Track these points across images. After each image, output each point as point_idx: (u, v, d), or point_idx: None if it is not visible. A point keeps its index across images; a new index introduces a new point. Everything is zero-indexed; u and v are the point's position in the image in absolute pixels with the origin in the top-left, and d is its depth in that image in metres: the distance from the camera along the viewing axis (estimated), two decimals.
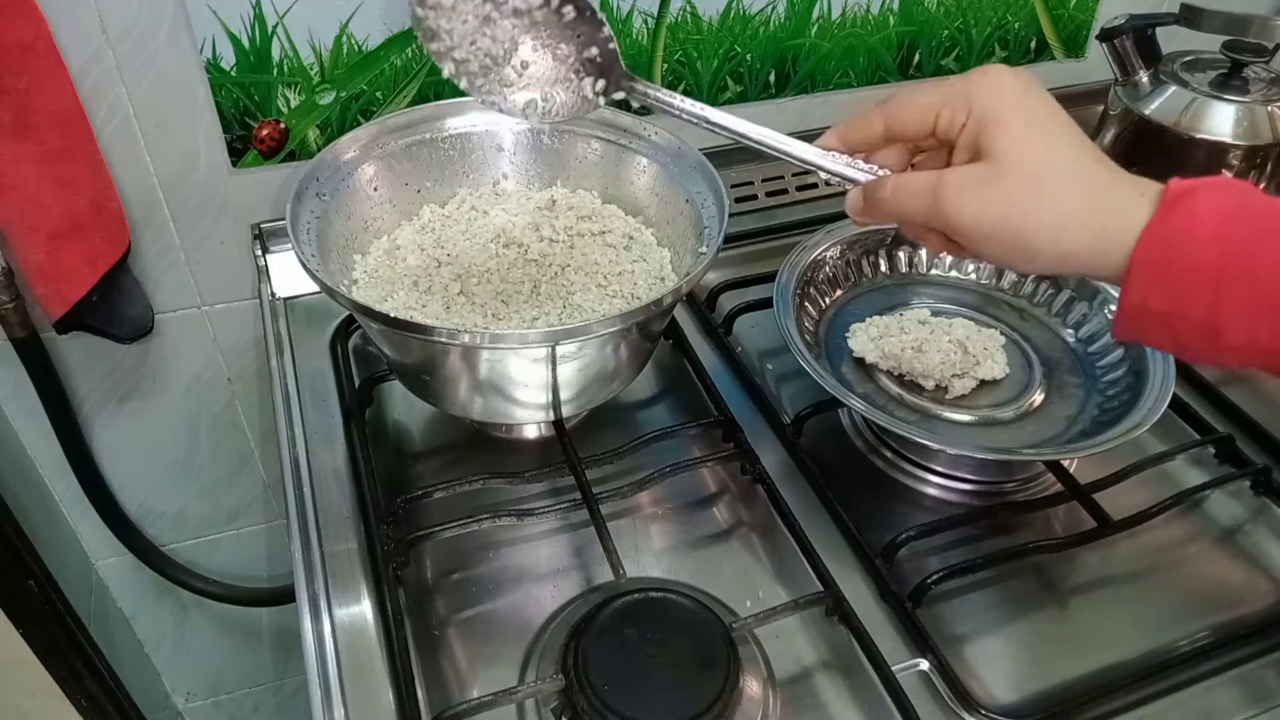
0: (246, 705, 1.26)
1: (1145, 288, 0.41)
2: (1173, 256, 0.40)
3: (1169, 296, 0.40)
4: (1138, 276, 0.40)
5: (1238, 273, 0.39)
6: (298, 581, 0.58)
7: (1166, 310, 0.41)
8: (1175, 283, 0.40)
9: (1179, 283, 0.40)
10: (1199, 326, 0.40)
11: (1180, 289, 0.40)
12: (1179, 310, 0.40)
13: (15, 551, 0.80)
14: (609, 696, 0.49)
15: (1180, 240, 0.40)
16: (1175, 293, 0.40)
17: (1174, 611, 0.60)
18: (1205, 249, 0.39)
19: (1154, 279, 0.40)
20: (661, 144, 0.69)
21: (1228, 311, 0.39)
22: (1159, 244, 0.40)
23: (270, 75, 0.74)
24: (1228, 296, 0.39)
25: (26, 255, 0.70)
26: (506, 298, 0.65)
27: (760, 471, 0.65)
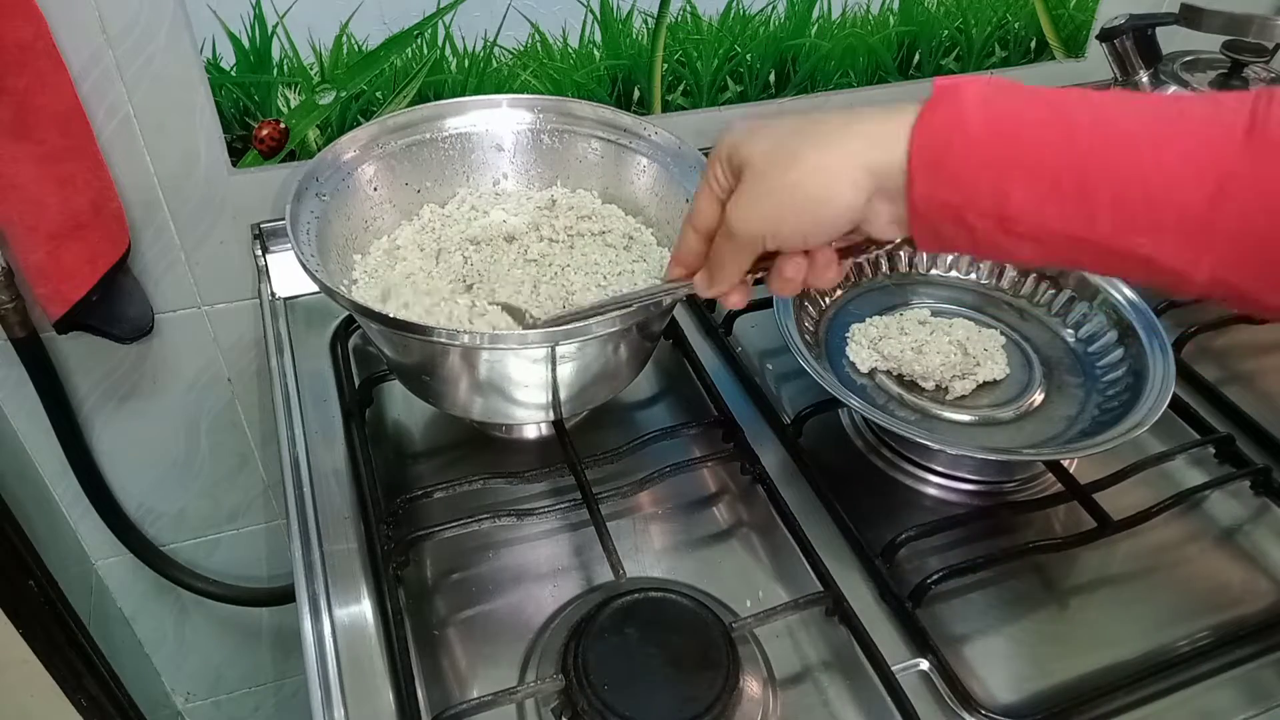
0: (246, 705, 1.26)
1: (929, 180, 0.41)
2: (950, 143, 0.40)
3: (953, 185, 0.40)
4: (919, 169, 0.41)
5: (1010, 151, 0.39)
6: (298, 581, 0.58)
7: (955, 201, 0.41)
8: (956, 169, 0.40)
9: (959, 168, 0.40)
10: (990, 214, 0.40)
11: (962, 174, 0.40)
12: (967, 199, 0.40)
13: (15, 551, 0.80)
14: (609, 696, 0.49)
15: (953, 126, 0.40)
16: (959, 179, 0.40)
17: (1174, 611, 0.60)
18: (978, 128, 0.40)
19: (935, 168, 0.41)
20: (662, 144, 0.69)
21: (1010, 192, 0.39)
22: (933, 134, 0.40)
23: (270, 75, 0.74)
24: (1008, 177, 0.39)
25: (26, 255, 0.70)
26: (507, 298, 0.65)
27: (760, 471, 0.65)
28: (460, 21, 0.77)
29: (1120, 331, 0.72)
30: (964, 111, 0.40)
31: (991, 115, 0.40)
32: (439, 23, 0.76)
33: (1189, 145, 0.38)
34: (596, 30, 0.81)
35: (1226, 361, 0.80)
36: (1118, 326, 0.72)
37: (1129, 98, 0.40)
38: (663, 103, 0.88)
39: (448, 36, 0.77)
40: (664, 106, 0.88)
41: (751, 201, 0.45)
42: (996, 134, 0.40)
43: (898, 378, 0.71)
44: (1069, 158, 0.39)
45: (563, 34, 0.80)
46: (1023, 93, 0.40)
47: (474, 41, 0.78)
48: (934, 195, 0.41)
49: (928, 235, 0.43)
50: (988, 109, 0.40)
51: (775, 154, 0.44)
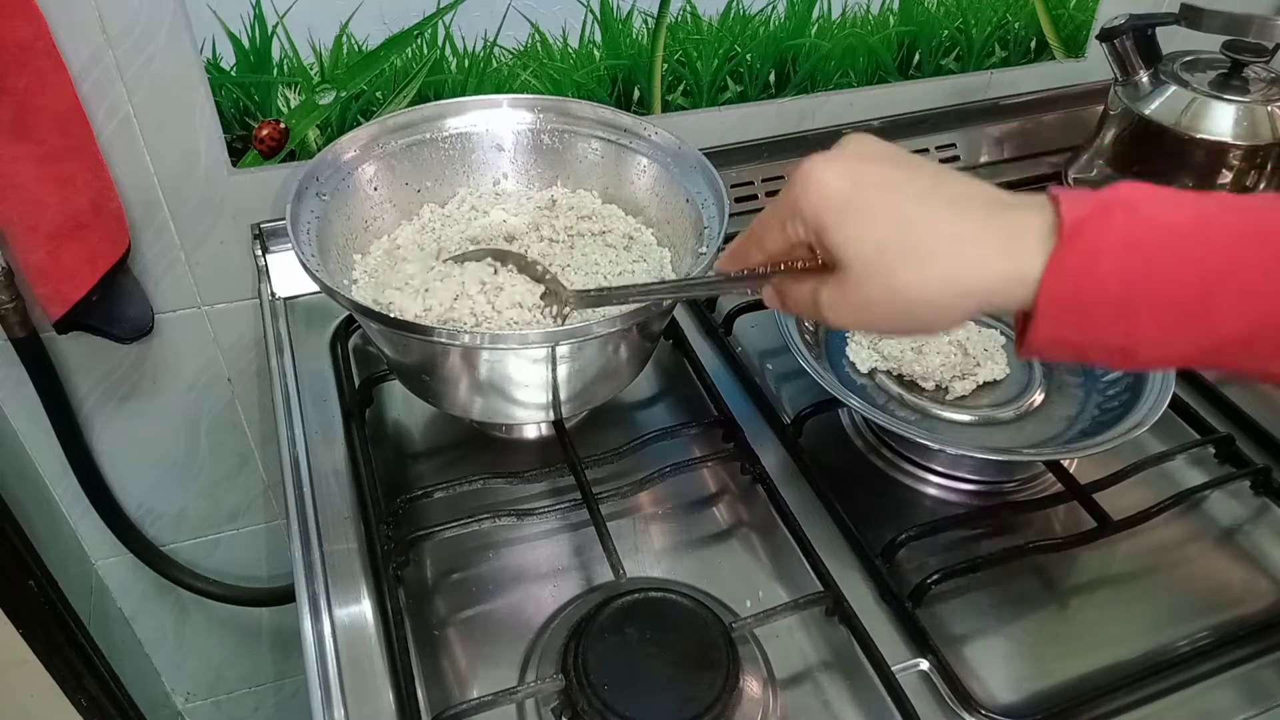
0: (246, 705, 1.26)
1: (1054, 326, 0.39)
2: (1078, 297, 0.38)
3: (1080, 330, 0.39)
4: (1045, 318, 0.39)
5: (1141, 297, 0.38)
6: (298, 581, 0.58)
7: (1077, 341, 0.40)
8: (1083, 318, 0.39)
9: (1087, 318, 0.39)
10: (1113, 350, 0.40)
11: (1089, 322, 0.39)
12: (1091, 340, 0.40)
13: (15, 551, 0.80)
14: (609, 696, 0.49)
15: (1083, 280, 0.38)
16: (1085, 326, 0.39)
17: (1174, 611, 0.60)
18: (1109, 284, 0.38)
19: (1061, 317, 0.39)
20: (662, 144, 0.69)
21: (1138, 334, 0.39)
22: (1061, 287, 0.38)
23: (270, 75, 0.74)
24: (1136, 321, 0.38)
25: (26, 255, 0.70)
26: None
27: (760, 471, 0.65)
28: (460, 21, 0.77)
29: None
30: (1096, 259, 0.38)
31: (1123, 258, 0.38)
32: (439, 23, 0.76)
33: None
34: (596, 30, 0.81)
35: None
36: None
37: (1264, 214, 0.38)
38: (663, 103, 0.88)
39: (448, 36, 0.77)
40: (664, 106, 0.88)
41: (850, 307, 0.43)
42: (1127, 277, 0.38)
43: (898, 378, 0.71)
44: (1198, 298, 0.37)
45: (563, 34, 0.80)
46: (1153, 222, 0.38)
47: (474, 41, 0.78)
48: (1057, 337, 0.40)
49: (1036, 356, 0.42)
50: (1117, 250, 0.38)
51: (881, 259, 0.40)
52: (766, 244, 0.46)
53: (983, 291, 0.39)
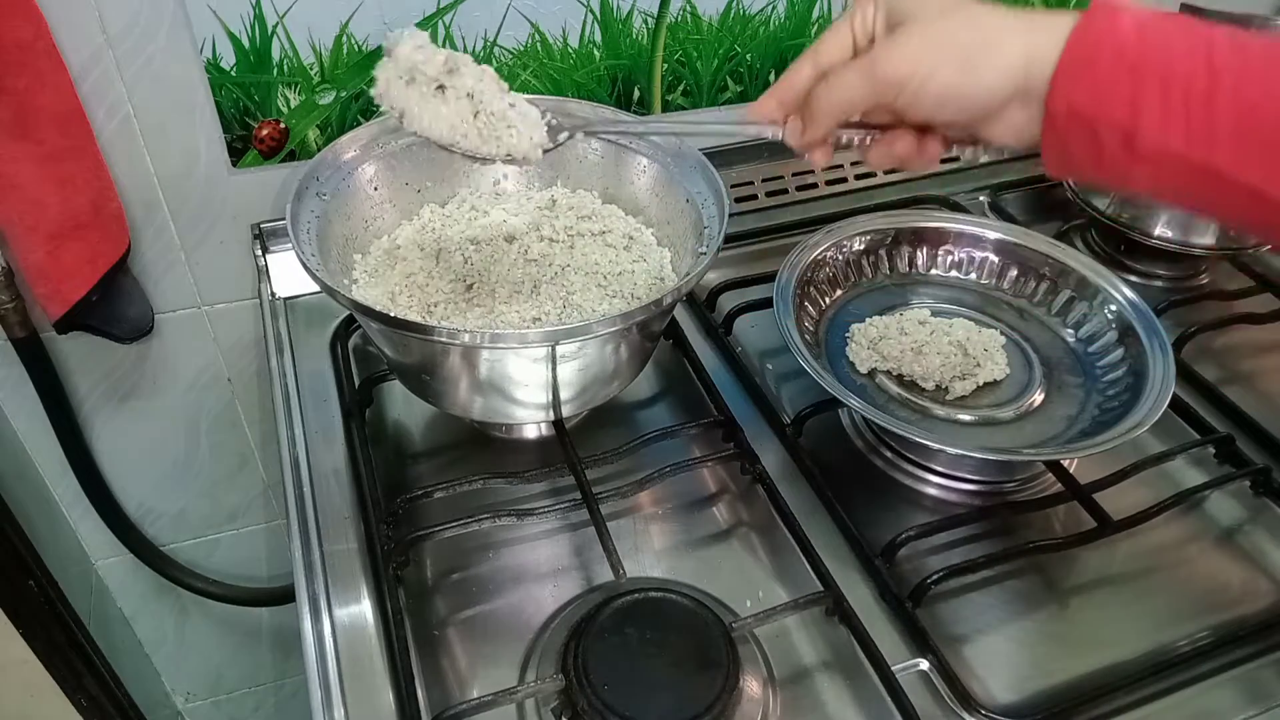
0: (246, 705, 1.26)
1: (1072, 84, 0.42)
2: (1099, 49, 0.42)
3: (1092, 93, 0.42)
4: (1065, 72, 0.42)
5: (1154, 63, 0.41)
6: (298, 581, 0.58)
7: (1090, 112, 0.42)
8: (1099, 77, 0.42)
9: (1102, 77, 0.42)
10: (1119, 128, 0.42)
11: (1102, 84, 0.42)
12: (1102, 110, 0.42)
13: (15, 551, 0.80)
14: (609, 696, 0.49)
15: (1105, 34, 0.42)
16: (1098, 87, 0.42)
17: (1174, 611, 0.60)
18: (1127, 43, 0.41)
19: (1080, 74, 0.42)
20: (662, 144, 0.69)
21: (1143, 105, 0.41)
22: (1084, 43, 0.42)
23: (270, 75, 0.74)
24: (1143, 88, 0.41)
25: (26, 255, 0.70)
26: (507, 298, 0.65)
27: (760, 471, 0.65)
28: (460, 21, 0.77)
29: (1120, 331, 0.72)
30: (1117, 24, 0.42)
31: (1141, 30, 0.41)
32: (439, 23, 0.76)
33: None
34: (596, 30, 0.81)
35: (1226, 361, 0.80)
36: (1118, 326, 0.72)
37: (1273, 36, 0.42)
38: (663, 103, 0.88)
39: (448, 36, 0.77)
40: (664, 106, 0.88)
41: (910, 42, 0.45)
42: (1143, 44, 0.41)
43: (897, 378, 0.71)
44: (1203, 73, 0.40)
45: (563, 34, 0.80)
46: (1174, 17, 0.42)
47: (474, 41, 0.78)
48: (1073, 102, 0.42)
49: (1056, 150, 0.44)
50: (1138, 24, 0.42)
51: (943, 11, 0.45)
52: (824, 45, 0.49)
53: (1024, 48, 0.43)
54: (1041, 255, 0.78)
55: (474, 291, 0.65)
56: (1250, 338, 0.82)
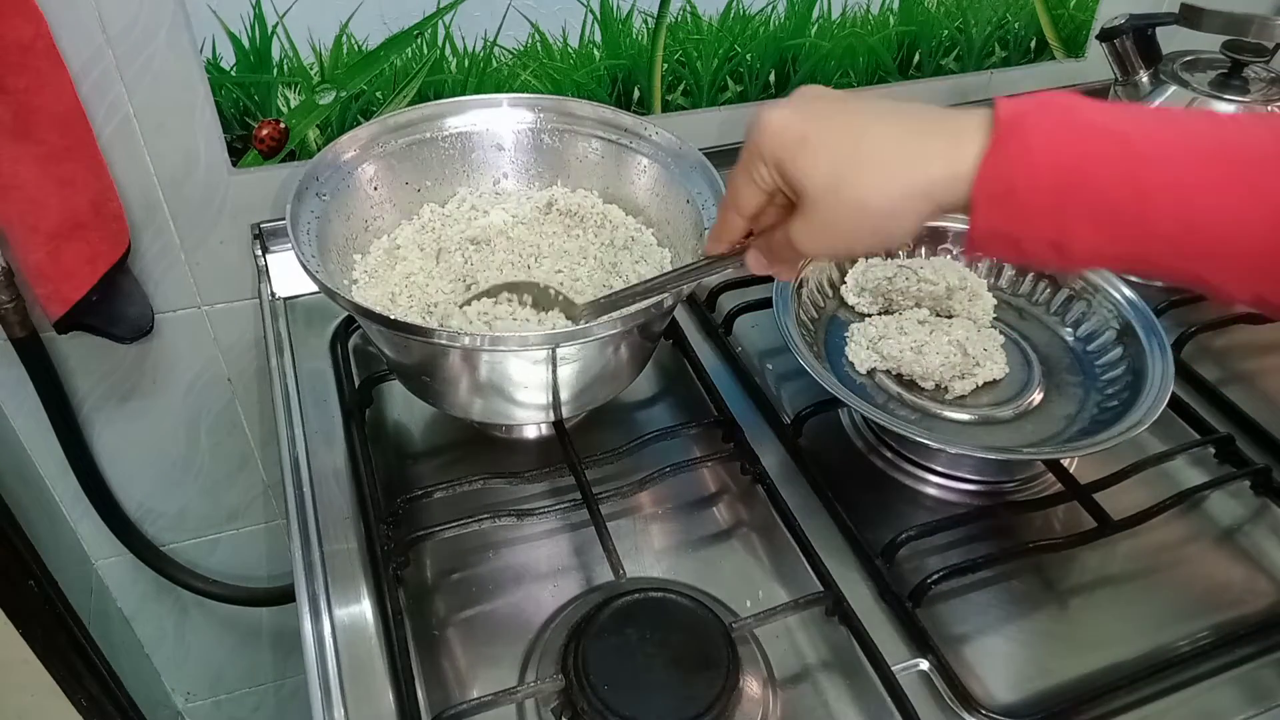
0: (246, 705, 1.26)
1: (990, 214, 0.42)
2: (1014, 185, 0.41)
3: (1014, 220, 0.42)
4: (982, 207, 0.42)
5: (1076, 192, 0.40)
6: (298, 581, 0.58)
7: (1015, 234, 0.42)
8: (1018, 209, 0.41)
9: (1022, 209, 0.41)
10: (1046, 245, 0.42)
11: (1024, 213, 0.42)
12: (1026, 233, 0.42)
13: (15, 551, 0.80)
14: (609, 696, 0.49)
15: (1017, 169, 0.41)
16: (1019, 216, 0.42)
17: (1174, 611, 0.60)
18: (1042, 175, 0.41)
19: (997, 207, 0.42)
20: (662, 144, 0.69)
21: (1072, 229, 0.41)
22: (998, 176, 0.41)
23: (270, 75, 0.74)
24: (1070, 215, 0.41)
25: (26, 255, 0.70)
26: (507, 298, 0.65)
27: (760, 471, 0.65)
28: (460, 21, 0.77)
29: (1119, 330, 0.72)
30: (1029, 150, 0.41)
31: (1055, 158, 0.41)
32: (439, 22, 0.76)
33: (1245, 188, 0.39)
34: (596, 30, 0.81)
35: (1226, 361, 0.80)
36: (1117, 325, 0.72)
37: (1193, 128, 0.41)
38: (663, 103, 0.88)
39: (448, 36, 0.77)
40: (664, 106, 0.88)
41: (816, 230, 0.46)
42: (1060, 174, 0.40)
43: (897, 377, 0.71)
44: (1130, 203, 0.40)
45: (563, 34, 0.80)
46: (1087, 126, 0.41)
47: (474, 41, 0.78)
48: (994, 228, 0.42)
49: (980, 251, 0.45)
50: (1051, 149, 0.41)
51: (834, 184, 0.44)
52: (741, 204, 0.49)
53: (929, 190, 0.42)
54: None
55: (474, 292, 0.65)
56: (1250, 338, 0.82)
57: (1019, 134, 0.41)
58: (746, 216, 0.50)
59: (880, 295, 0.76)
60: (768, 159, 0.46)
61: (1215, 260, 0.41)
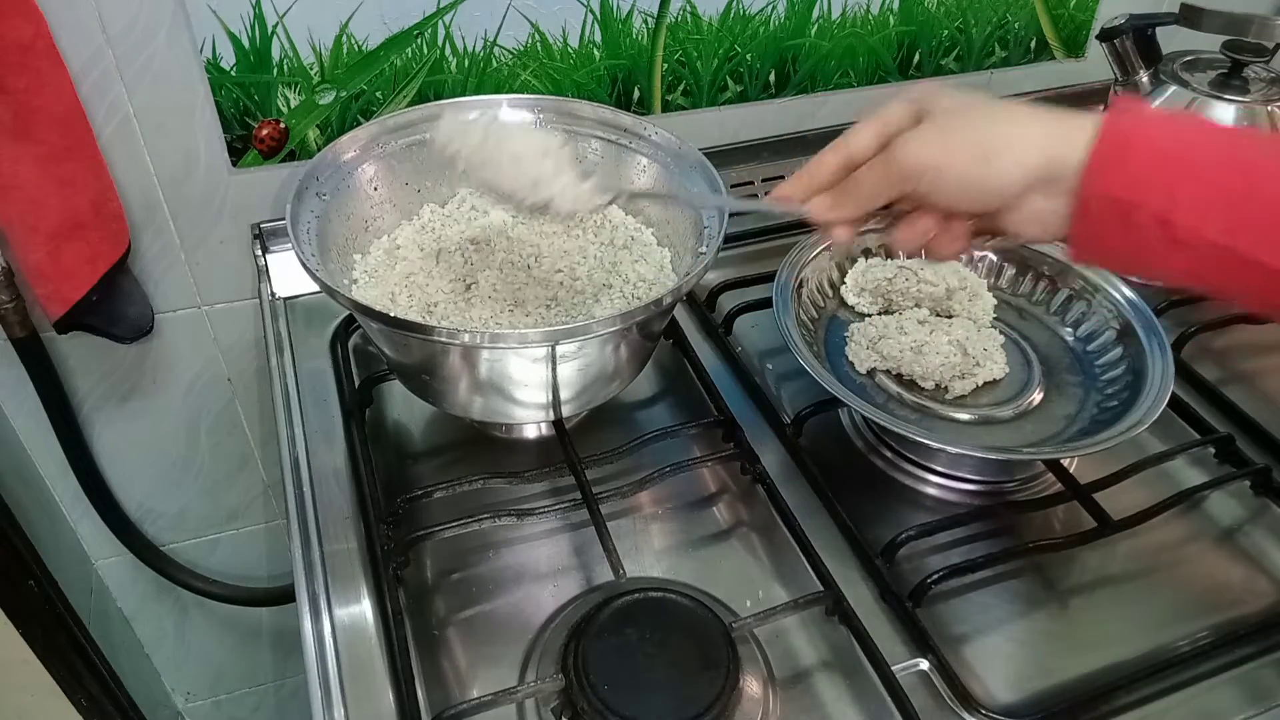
0: (246, 705, 1.26)
1: (1106, 175, 0.43)
2: (1131, 142, 0.43)
3: (1127, 182, 0.43)
4: (1099, 163, 0.43)
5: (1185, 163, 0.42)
6: (298, 581, 0.58)
7: (1127, 198, 0.43)
8: (1134, 167, 0.43)
9: (1137, 166, 0.43)
10: (1156, 216, 0.43)
11: (1139, 173, 0.43)
12: (1138, 198, 0.43)
13: (15, 551, 0.80)
14: (609, 696, 0.49)
15: (1135, 133, 0.43)
16: (1134, 177, 0.43)
17: (1174, 611, 0.60)
18: (1157, 138, 0.43)
19: (1115, 164, 0.43)
20: (661, 144, 0.69)
21: (1179, 197, 0.42)
22: (1115, 136, 0.43)
23: (270, 75, 0.74)
24: (1178, 178, 0.42)
25: (26, 255, 0.70)
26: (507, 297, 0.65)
27: (760, 471, 0.65)
28: (460, 21, 0.77)
29: (1119, 330, 0.72)
30: (1145, 120, 0.44)
31: (1170, 127, 0.43)
32: (439, 23, 0.76)
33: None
34: (596, 30, 0.81)
35: (1226, 361, 0.80)
36: (1117, 325, 0.72)
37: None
38: (663, 103, 0.88)
39: (448, 36, 0.77)
40: (664, 106, 0.88)
41: (931, 135, 0.47)
42: (1175, 141, 0.43)
43: (897, 377, 0.71)
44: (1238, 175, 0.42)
45: (563, 34, 0.80)
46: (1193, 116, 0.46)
47: (474, 41, 0.78)
48: (1108, 191, 0.43)
49: (1087, 236, 0.46)
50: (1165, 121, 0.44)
51: (969, 106, 0.47)
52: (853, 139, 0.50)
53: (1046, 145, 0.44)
54: (1041, 253, 0.78)
55: (473, 291, 0.65)
56: (1250, 338, 0.82)
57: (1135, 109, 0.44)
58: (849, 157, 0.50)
59: (880, 295, 0.76)
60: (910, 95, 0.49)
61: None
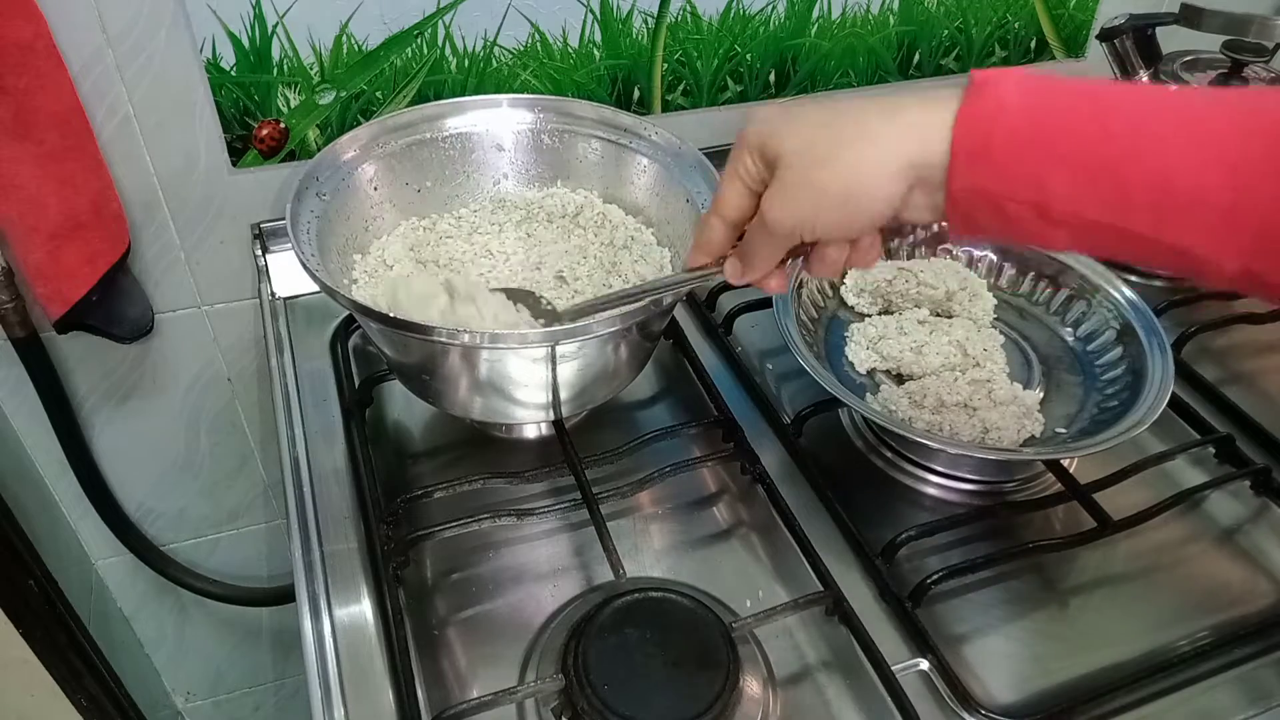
0: (246, 705, 1.26)
1: (969, 171, 0.41)
2: (991, 134, 0.41)
3: (993, 175, 0.41)
4: (960, 161, 0.41)
5: (1051, 143, 0.40)
6: (298, 581, 0.58)
7: (995, 190, 0.41)
8: (996, 159, 0.41)
9: (1000, 158, 0.41)
10: (1028, 203, 0.41)
11: (1002, 164, 0.41)
12: (1006, 189, 0.41)
13: (15, 551, 0.80)
14: (609, 696, 0.49)
15: (994, 118, 0.41)
16: (998, 170, 0.41)
17: (1174, 611, 0.60)
18: (1019, 121, 0.40)
19: (976, 159, 0.41)
20: (661, 144, 0.69)
21: (1050, 183, 0.40)
22: (974, 125, 0.41)
23: (270, 75, 0.74)
24: (1047, 166, 0.40)
25: (26, 255, 0.70)
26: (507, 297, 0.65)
27: (760, 471, 0.65)
28: (460, 21, 0.77)
29: (1119, 330, 0.72)
30: (1004, 103, 0.41)
31: (1030, 107, 0.40)
32: (439, 22, 0.76)
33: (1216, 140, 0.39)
34: (596, 30, 0.81)
35: (1226, 361, 0.80)
36: (1117, 325, 0.72)
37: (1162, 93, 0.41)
38: (663, 103, 0.88)
39: (448, 36, 0.77)
40: (664, 106, 0.88)
41: (787, 197, 0.45)
42: (1036, 125, 0.40)
43: (897, 377, 0.71)
44: (1105, 151, 0.40)
45: (563, 34, 0.80)
46: (1059, 85, 0.41)
47: (474, 41, 0.78)
48: (974, 185, 0.42)
49: (964, 223, 0.44)
50: (1025, 101, 0.40)
51: (811, 149, 0.44)
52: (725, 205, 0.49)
53: (905, 153, 0.42)
54: (1041, 254, 0.78)
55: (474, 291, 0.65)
56: (1250, 338, 0.82)
57: (991, 89, 0.41)
58: (730, 221, 0.49)
59: (880, 296, 0.76)
60: (751, 144, 0.46)
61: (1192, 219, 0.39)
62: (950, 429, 0.66)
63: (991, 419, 0.66)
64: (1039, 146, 0.40)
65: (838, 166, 0.43)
